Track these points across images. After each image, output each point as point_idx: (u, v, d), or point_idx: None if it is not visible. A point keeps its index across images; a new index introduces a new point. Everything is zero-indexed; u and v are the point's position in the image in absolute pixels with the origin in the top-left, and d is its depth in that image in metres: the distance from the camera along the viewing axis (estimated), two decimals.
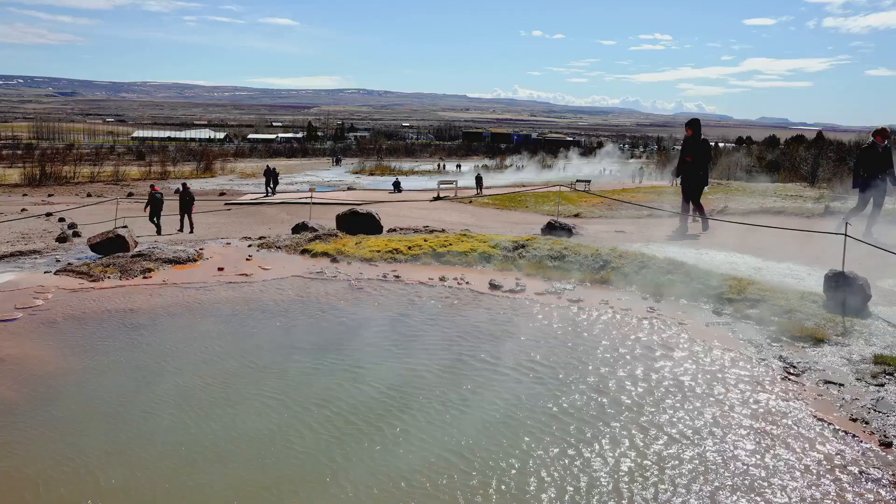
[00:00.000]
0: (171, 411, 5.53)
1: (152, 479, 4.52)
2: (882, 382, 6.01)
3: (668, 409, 5.58)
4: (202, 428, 5.25)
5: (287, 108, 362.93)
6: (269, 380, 6.21)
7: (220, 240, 14.25)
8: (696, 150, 13.58)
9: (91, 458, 4.79)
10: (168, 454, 4.85)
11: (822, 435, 5.12)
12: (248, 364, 6.61)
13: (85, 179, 49.26)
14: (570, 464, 4.71)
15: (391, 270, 10.55)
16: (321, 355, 6.88)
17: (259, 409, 5.58)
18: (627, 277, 9.67)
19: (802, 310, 7.82)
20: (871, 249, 9.05)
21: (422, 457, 4.80)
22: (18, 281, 9.75)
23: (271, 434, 5.14)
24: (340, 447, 4.94)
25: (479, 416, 5.44)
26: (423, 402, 5.72)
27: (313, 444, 4.99)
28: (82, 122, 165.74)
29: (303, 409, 5.57)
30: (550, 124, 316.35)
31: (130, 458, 4.79)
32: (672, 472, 4.60)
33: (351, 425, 5.29)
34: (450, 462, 4.74)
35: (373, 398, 5.79)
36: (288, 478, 4.55)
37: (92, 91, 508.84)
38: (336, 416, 5.44)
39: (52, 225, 22.42)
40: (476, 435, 5.12)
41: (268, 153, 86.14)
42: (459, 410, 5.56)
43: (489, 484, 4.46)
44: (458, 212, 24.02)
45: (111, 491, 4.39)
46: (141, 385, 6.06)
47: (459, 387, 6.04)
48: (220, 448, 4.94)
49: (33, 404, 5.65)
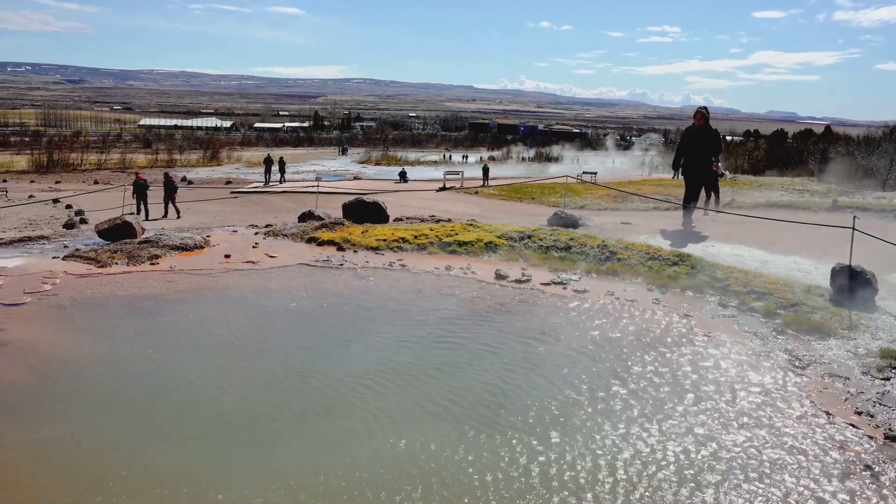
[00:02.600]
0: (174, 396, 5.59)
1: (164, 459, 4.58)
2: (888, 376, 6.01)
3: (672, 400, 5.59)
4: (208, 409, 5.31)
5: (293, 98, 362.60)
6: (271, 365, 6.26)
7: (227, 227, 14.29)
8: (709, 142, 12.38)
9: (104, 438, 4.85)
10: (173, 433, 4.91)
11: (827, 428, 5.13)
12: (253, 348, 6.66)
13: (92, 167, 49.36)
14: (572, 456, 4.74)
15: (397, 259, 10.57)
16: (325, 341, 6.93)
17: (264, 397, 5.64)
18: (633, 269, 9.67)
19: (808, 303, 7.81)
20: (879, 244, 9.00)
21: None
22: (27, 266, 9.81)
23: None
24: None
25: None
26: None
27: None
28: (89, 110, 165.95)
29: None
30: (557, 116, 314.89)
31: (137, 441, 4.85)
32: (673, 463, 4.62)
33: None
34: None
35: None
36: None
37: (99, 79, 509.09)
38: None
39: (59, 211, 22.49)
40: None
41: (274, 142, 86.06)
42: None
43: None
44: (464, 202, 23.98)
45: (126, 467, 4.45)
46: (145, 371, 6.12)
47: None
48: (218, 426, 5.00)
49: (41, 386, 5.71)
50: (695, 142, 12.39)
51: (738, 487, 4.34)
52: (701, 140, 12.31)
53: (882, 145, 35.03)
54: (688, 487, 4.33)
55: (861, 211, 14.72)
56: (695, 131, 12.46)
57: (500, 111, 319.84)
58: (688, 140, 12.56)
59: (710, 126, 12.49)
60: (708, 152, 12.38)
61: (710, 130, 12.45)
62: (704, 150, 12.32)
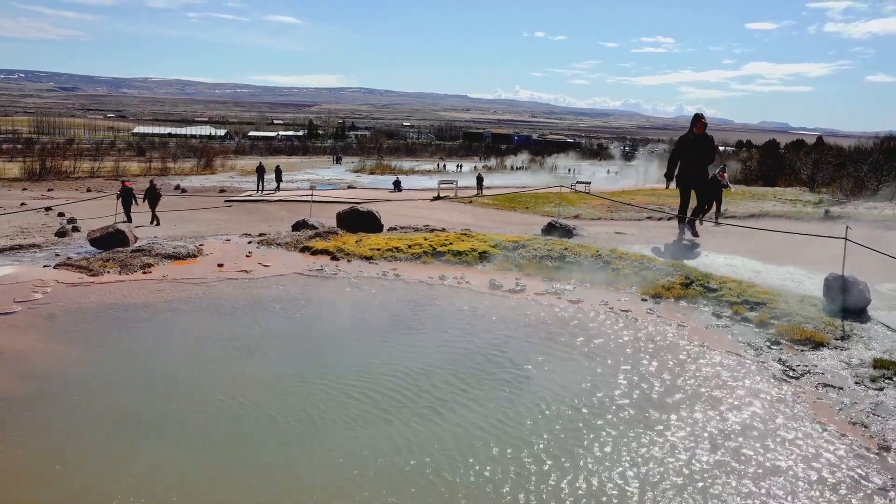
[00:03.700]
0: (166, 403, 5.53)
1: (149, 465, 4.52)
2: (881, 386, 6.01)
3: (666, 411, 5.58)
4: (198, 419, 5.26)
5: (288, 106, 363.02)
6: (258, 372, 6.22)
7: (221, 236, 14.25)
8: (707, 150, 11.84)
9: (93, 447, 4.79)
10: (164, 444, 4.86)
11: (821, 438, 5.12)
12: (242, 355, 6.62)
13: (85, 174, 49.18)
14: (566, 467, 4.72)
15: (391, 269, 10.54)
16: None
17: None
18: (627, 279, 9.67)
19: (802, 313, 7.82)
20: (872, 254, 9.04)
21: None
22: (17, 275, 9.73)
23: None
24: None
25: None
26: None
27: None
28: (83, 118, 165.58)
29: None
30: (551, 125, 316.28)
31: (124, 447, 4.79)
32: (665, 475, 4.60)
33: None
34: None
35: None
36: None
37: (93, 86, 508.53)
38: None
39: (51, 219, 22.35)
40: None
41: (268, 151, 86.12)
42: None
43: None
44: (459, 211, 24.01)
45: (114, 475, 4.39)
46: (137, 381, 6.06)
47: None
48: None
49: (30, 397, 5.64)
50: (692, 150, 11.74)
51: (730, 497, 4.32)
52: (699, 148, 11.72)
53: (873, 156, 35.32)
54: (677, 498, 4.31)
55: (853, 221, 14.79)
56: (692, 139, 11.74)
57: (495, 121, 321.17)
58: (684, 148, 11.88)
59: (708, 134, 11.89)
60: (706, 161, 11.92)
61: (708, 138, 11.88)
62: (703, 158, 11.82)
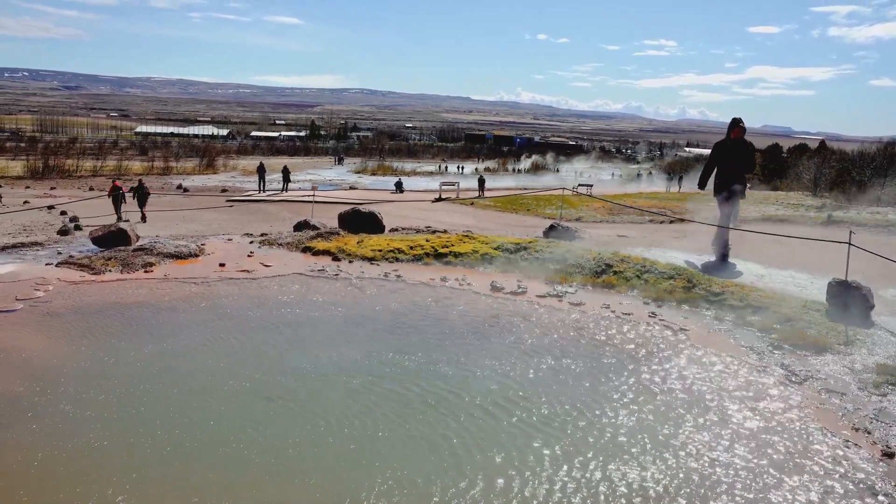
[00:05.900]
0: (166, 401, 5.52)
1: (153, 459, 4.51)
2: (885, 392, 5.99)
3: (668, 416, 5.55)
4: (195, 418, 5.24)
5: (290, 107, 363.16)
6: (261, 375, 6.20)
7: (222, 236, 14.25)
8: (745, 157, 10.82)
9: (94, 445, 4.78)
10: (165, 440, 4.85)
11: (824, 444, 5.10)
12: (242, 354, 6.60)
13: (88, 173, 49.17)
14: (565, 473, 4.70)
15: (393, 270, 10.53)
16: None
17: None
18: (629, 281, 9.66)
19: (805, 318, 7.80)
20: (875, 259, 9.02)
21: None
22: (19, 272, 9.74)
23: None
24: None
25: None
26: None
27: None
28: (86, 116, 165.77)
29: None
30: (553, 128, 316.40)
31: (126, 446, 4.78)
32: (667, 479, 4.58)
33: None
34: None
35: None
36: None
37: (96, 85, 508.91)
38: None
39: (54, 218, 22.34)
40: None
41: (270, 151, 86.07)
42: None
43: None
44: (460, 213, 23.99)
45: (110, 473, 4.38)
46: (137, 379, 6.05)
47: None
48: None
49: (32, 394, 5.63)
50: (729, 157, 10.73)
51: (730, 502, 4.30)
52: (737, 155, 10.72)
53: (876, 160, 35.22)
54: (677, 499, 4.29)
55: (856, 226, 14.77)
56: (730, 145, 10.75)
57: (497, 123, 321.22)
58: (721, 155, 10.85)
59: (746, 140, 10.89)
60: (744, 168, 10.99)
61: (746, 144, 10.85)
62: (741, 166, 10.85)
